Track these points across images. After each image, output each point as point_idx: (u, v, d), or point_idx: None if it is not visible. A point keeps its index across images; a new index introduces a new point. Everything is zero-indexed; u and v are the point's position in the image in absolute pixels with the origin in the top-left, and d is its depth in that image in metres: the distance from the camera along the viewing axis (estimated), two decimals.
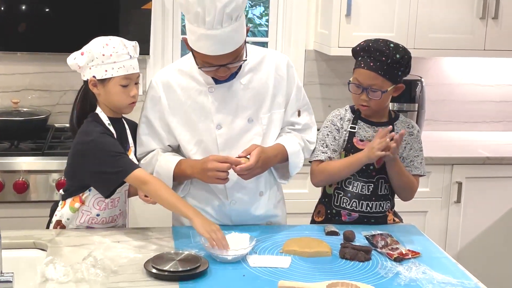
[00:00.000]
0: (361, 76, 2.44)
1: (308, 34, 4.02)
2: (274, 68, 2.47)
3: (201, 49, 2.23)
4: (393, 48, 2.43)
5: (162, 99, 2.43)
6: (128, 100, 2.35)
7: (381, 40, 2.46)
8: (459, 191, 3.67)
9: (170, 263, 2.04)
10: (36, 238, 2.28)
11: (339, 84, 4.05)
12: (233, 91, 2.41)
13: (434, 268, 2.15)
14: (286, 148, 2.45)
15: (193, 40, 2.24)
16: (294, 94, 2.52)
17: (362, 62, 2.44)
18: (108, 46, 2.28)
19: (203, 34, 2.19)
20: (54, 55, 3.72)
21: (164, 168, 2.42)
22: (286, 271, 2.10)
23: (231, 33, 2.20)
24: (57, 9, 3.70)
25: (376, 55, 2.41)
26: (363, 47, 2.46)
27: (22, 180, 3.24)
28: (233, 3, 2.16)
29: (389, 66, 2.42)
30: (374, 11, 3.67)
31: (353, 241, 2.33)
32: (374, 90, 2.43)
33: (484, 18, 3.77)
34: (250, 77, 2.44)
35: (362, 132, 2.53)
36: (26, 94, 3.80)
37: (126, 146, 2.41)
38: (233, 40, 2.22)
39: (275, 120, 2.49)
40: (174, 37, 3.94)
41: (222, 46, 2.21)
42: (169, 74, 2.46)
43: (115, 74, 2.29)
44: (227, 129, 2.42)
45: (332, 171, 2.50)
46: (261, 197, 2.53)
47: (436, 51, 3.83)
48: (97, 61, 2.28)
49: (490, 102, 4.29)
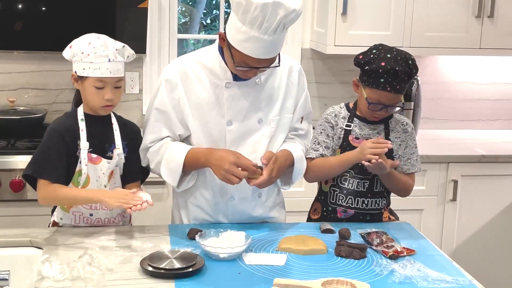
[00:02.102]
0: (385, 98, 2.43)
1: (304, 32, 4.03)
2: (287, 73, 2.51)
3: (246, 49, 2.24)
4: (412, 64, 2.42)
5: (179, 86, 2.43)
6: (101, 103, 2.32)
7: (399, 58, 2.41)
8: (455, 189, 3.68)
9: (166, 261, 2.05)
10: (33, 236, 2.29)
11: (335, 82, 4.06)
12: (248, 90, 2.43)
13: (429, 265, 2.16)
14: (293, 154, 2.47)
15: (239, 39, 2.24)
16: (302, 101, 2.55)
17: (388, 86, 2.40)
18: (90, 45, 2.28)
19: (255, 37, 2.21)
20: (51, 53, 3.72)
21: (175, 154, 2.41)
22: (282, 269, 2.11)
23: (278, 40, 2.26)
24: (53, 7, 3.70)
25: (401, 78, 2.40)
26: (387, 71, 2.38)
27: (19, 178, 3.24)
28: (293, 14, 2.20)
29: (408, 83, 2.46)
30: (370, 9, 3.68)
31: (349, 239, 2.34)
32: (395, 106, 2.47)
33: (480, 17, 3.78)
34: (265, 78, 2.46)
35: (358, 130, 2.54)
36: (23, 93, 3.80)
37: (110, 146, 2.38)
38: (277, 46, 2.28)
39: (283, 124, 2.50)
40: (171, 35, 3.94)
41: (268, 51, 2.25)
42: (187, 63, 2.46)
43: (91, 74, 2.29)
44: (237, 127, 2.44)
45: (323, 169, 2.52)
46: (260, 198, 2.54)
47: (432, 50, 3.84)
48: (77, 57, 2.30)
49: (485, 101, 4.30)
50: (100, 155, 2.34)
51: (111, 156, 2.37)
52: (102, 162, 2.34)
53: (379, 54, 2.43)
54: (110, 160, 2.36)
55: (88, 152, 2.32)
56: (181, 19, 5.58)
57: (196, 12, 5.68)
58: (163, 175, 2.44)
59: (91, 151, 2.33)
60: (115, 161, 2.37)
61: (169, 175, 2.43)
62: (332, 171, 2.52)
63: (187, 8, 5.72)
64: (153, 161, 2.45)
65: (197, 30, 5.66)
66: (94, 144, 2.34)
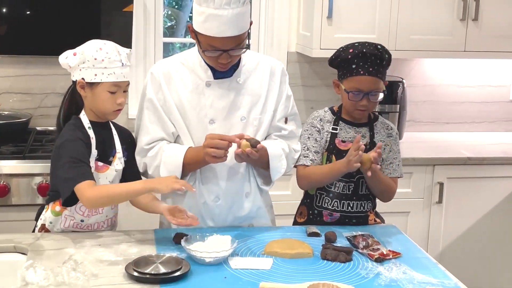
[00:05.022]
0: (362, 83, 2.45)
1: (290, 36, 4.03)
2: (269, 72, 2.54)
3: (208, 30, 2.29)
4: (381, 48, 2.46)
5: (163, 87, 2.46)
6: (113, 107, 2.33)
7: (367, 44, 2.48)
8: (441, 191, 3.69)
9: (151, 266, 2.04)
10: (17, 242, 2.27)
11: (321, 85, 4.07)
12: (229, 89, 2.46)
13: (414, 268, 2.16)
14: (268, 150, 2.46)
15: (200, 21, 2.30)
16: (283, 101, 2.56)
17: (361, 69, 2.43)
18: (102, 50, 2.28)
19: (211, 14, 2.26)
20: (35, 57, 3.69)
21: (173, 157, 2.42)
22: (268, 273, 2.10)
23: (238, 16, 2.28)
24: (38, 11, 3.68)
25: (372, 59, 2.43)
26: (356, 55, 2.44)
27: (4, 183, 3.21)
28: None
29: (383, 67, 2.46)
30: (355, 13, 3.69)
31: (335, 242, 2.34)
32: (375, 94, 2.47)
33: (465, 20, 3.80)
34: (246, 78, 2.49)
35: (344, 133, 2.55)
36: (7, 97, 3.77)
37: (111, 151, 2.39)
38: (238, 23, 2.30)
39: (264, 123, 2.52)
40: (156, 39, 3.93)
41: (228, 28, 2.28)
42: (170, 64, 2.50)
43: (105, 79, 2.28)
44: (220, 125, 2.46)
45: (315, 179, 2.53)
46: (246, 198, 2.54)
47: (417, 53, 3.86)
48: (88, 63, 2.27)
49: (471, 103, 4.32)
50: (104, 162, 2.35)
51: (111, 161, 2.38)
52: (109, 170, 2.35)
53: (347, 45, 2.51)
54: (114, 166, 2.37)
55: (95, 161, 2.32)
56: (167, 23, 5.58)
57: (182, 16, 5.68)
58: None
59: (98, 159, 2.33)
60: (118, 166, 2.38)
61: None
62: (323, 181, 2.53)
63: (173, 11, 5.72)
64: (151, 166, 2.46)
65: (183, 34, 5.65)
66: (100, 151, 2.34)
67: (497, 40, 3.85)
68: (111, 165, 2.36)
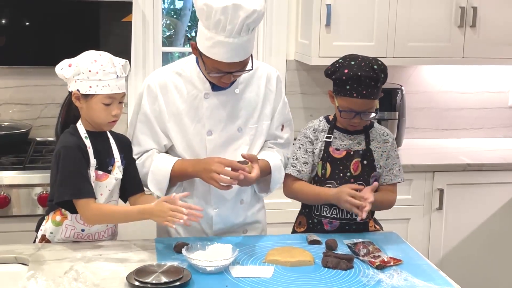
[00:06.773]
0: (355, 105, 2.44)
1: (289, 44, 4.04)
2: (265, 80, 2.54)
3: (215, 55, 2.28)
4: (377, 68, 2.43)
5: (159, 98, 2.46)
6: (108, 119, 2.33)
7: (363, 64, 2.43)
8: (441, 198, 3.69)
9: (153, 275, 2.04)
10: (18, 252, 2.27)
11: (320, 93, 4.07)
12: (227, 100, 2.46)
13: (415, 275, 2.16)
14: (270, 163, 2.49)
15: (207, 46, 2.29)
16: (280, 108, 2.57)
17: (354, 92, 2.41)
18: (96, 62, 2.27)
19: (221, 41, 2.25)
20: (35, 68, 3.70)
21: (161, 167, 2.44)
22: (269, 281, 2.10)
23: (246, 43, 2.28)
24: (37, 22, 3.70)
25: (367, 82, 2.41)
26: (350, 77, 2.41)
27: (4, 194, 3.21)
28: (254, 14, 2.24)
29: (377, 88, 2.45)
30: (353, 20, 3.70)
31: (335, 249, 2.35)
32: (368, 113, 2.47)
33: (462, 27, 3.81)
34: (243, 87, 2.49)
35: (338, 141, 2.55)
36: (7, 108, 3.78)
37: (110, 160, 2.39)
38: (246, 49, 2.30)
39: (261, 131, 2.53)
40: (155, 48, 3.94)
41: (236, 54, 2.28)
42: (166, 75, 2.49)
43: (99, 92, 2.27)
44: (217, 136, 2.46)
45: (301, 197, 2.58)
46: (241, 205, 2.56)
47: (415, 60, 3.87)
48: (82, 75, 2.27)
49: (469, 109, 4.33)
50: (104, 171, 2.35)
51: (111, 170, 2.37)
52: (109, 179, 2.35)
53: (343, 62, 2.47)
54: (114, 175, 2.37)
55: (95, 170, 2.32)
56: (166, 32, 5.59)
57: (181, 25, 5.69)
58: (150, 187, 2.49)
59: (97, 168, 2.33)
60: (118, 175, 2.38)
61: (156, 186, 2.47)
62: (308, 201, 2.57)
63: (172, 21, 5.73)
64: (139, 173, 2.46)
65: (182, 43, 5.66)
66: (99, 161, 2.34)
67: (495, 47, 3.86)
68: (111, 174, 2.37)
